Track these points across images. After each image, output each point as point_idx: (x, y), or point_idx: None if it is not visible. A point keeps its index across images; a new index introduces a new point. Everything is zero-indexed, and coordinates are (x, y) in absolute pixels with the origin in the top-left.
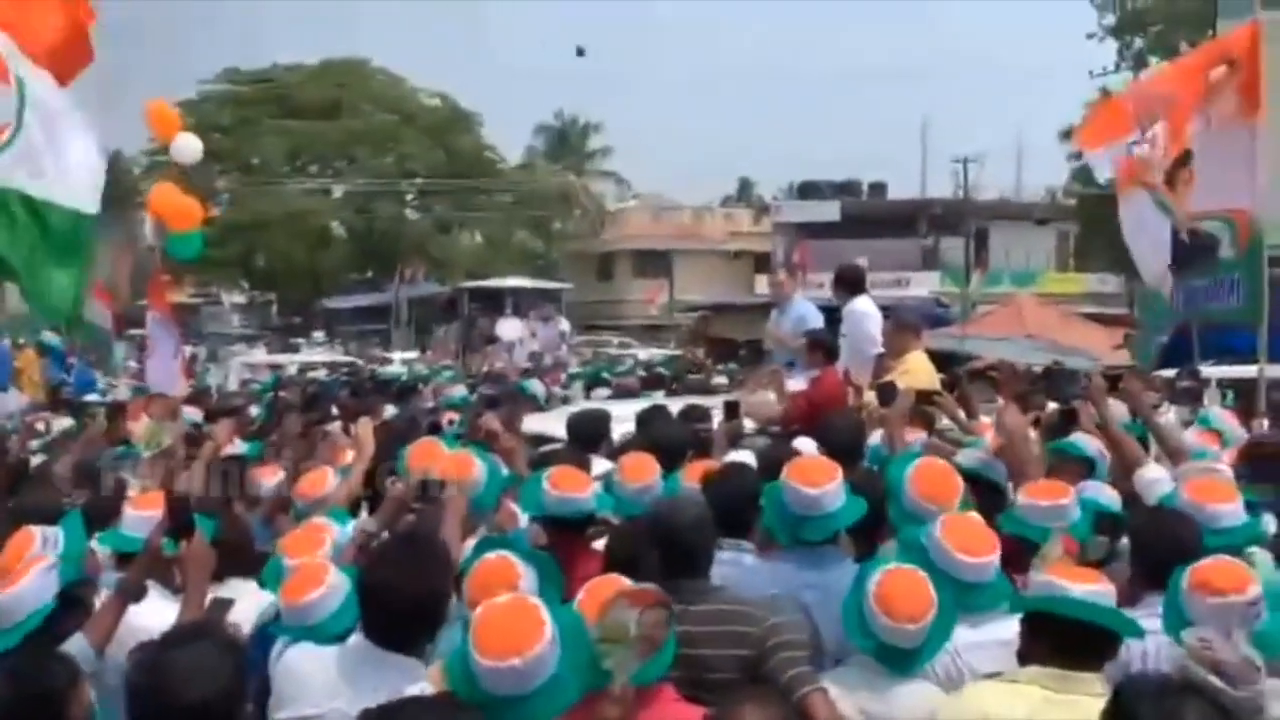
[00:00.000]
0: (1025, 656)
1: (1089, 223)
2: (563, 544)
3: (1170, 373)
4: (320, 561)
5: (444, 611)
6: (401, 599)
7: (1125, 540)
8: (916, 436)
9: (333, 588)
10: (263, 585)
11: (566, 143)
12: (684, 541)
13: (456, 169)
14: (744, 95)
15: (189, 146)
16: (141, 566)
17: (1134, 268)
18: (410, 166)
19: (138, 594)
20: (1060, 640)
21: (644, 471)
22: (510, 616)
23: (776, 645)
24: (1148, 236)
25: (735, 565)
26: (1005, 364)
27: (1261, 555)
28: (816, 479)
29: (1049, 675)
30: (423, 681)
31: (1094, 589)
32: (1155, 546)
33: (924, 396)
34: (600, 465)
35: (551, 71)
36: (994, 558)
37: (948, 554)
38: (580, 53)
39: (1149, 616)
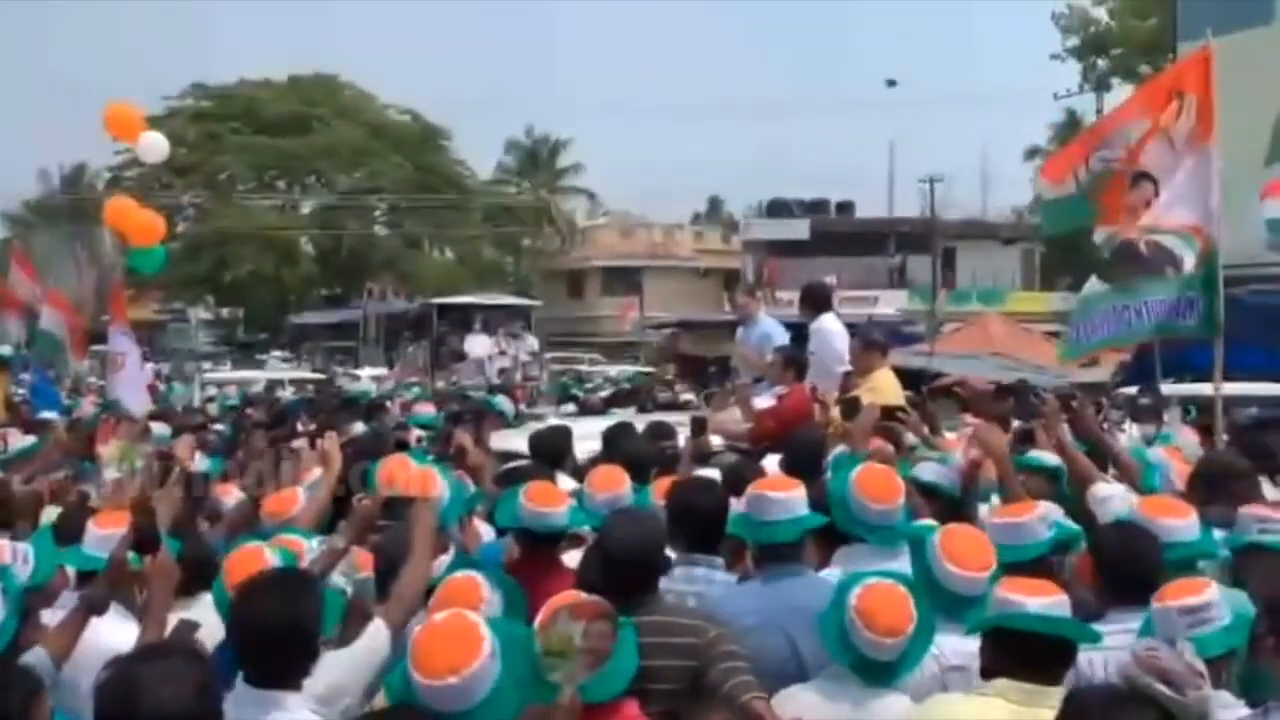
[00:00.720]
0: (989, 671)
1: (1054, 242)
2: (536, 558)
3: (1132, 390)
4: None
5: (314, 644)
6: (267, 634)
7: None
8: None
9: None
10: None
11: (537, 160)
12: (632, 555)
13: (427, 185)
14: (713, 115)
15: (155, 145)
16: (107, 580)
17: None
18: (380, 183)
19: (101, 607)
20: (1021, 654)
21: (613, 482)
22: (448, 634)
23: (719, 655)
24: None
25: (708, 584)
26: (970, 384)
27: (1210, 567)
28: (782, 486)
29: (1014, 689)
30: (294, 711)
31: (1049, 602)
32: (1120, 562)
33: (889, 413)
34: (565, 483)
35: (522, 89)
36: (989, 572)
37: (943, 566)
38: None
39: (1113, 633)
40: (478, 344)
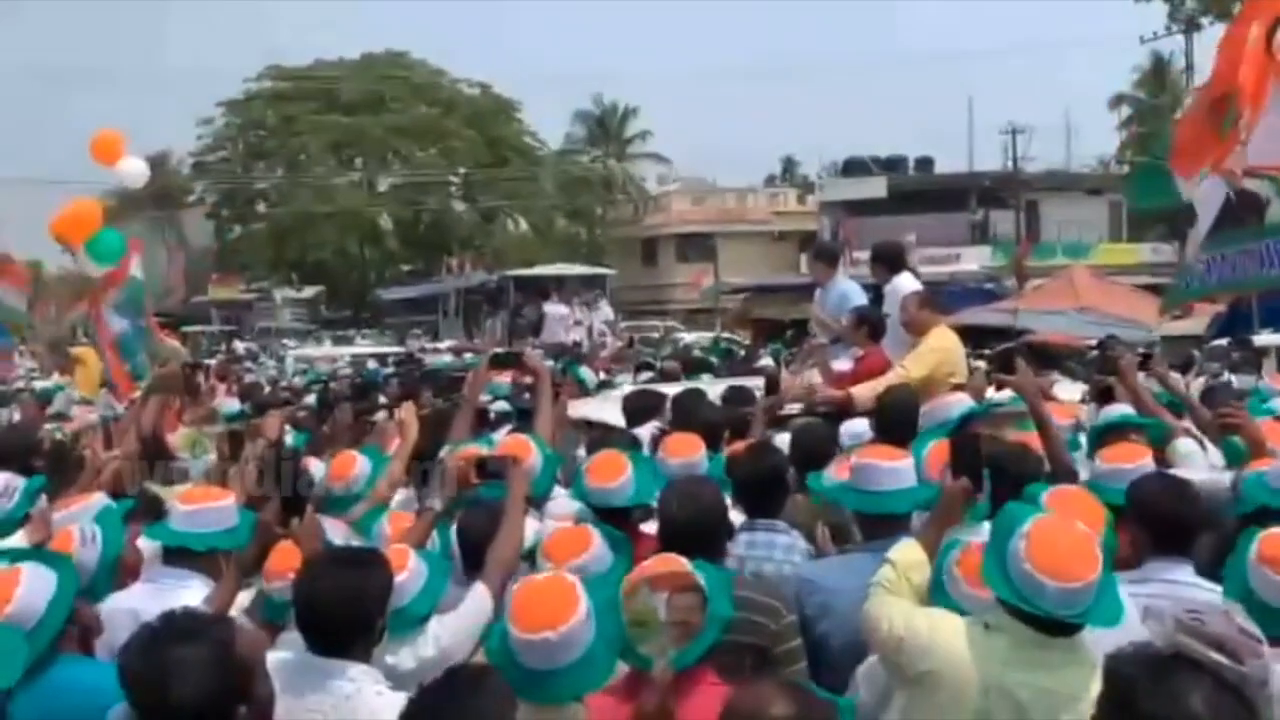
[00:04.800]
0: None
1: None
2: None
3: (1225, 342)
4: (400, 547)
5: (373, 620)
6: (324, 609)
7: None
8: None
9: (414, 571)
10: None
11: (607, 128)
12: (688, 525)
13: (499, 158)
14: (786, 74)
15: (135, 171)
16: (258, 545)
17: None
18: (453, 157)
19: (251, 570)
20: (1034, 621)
21: (687, 448)
22: (546, 592)
23: (790, 650)
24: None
25: (769, 548)
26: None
27: None
28: (890, 455)
29: (1024, 634)
30: (357, 680)
31: (1070, 587)
32: (1161, 513)
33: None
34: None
35: (589, 58)
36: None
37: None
38: None
39: (1142, 581)
40: (554, 313)
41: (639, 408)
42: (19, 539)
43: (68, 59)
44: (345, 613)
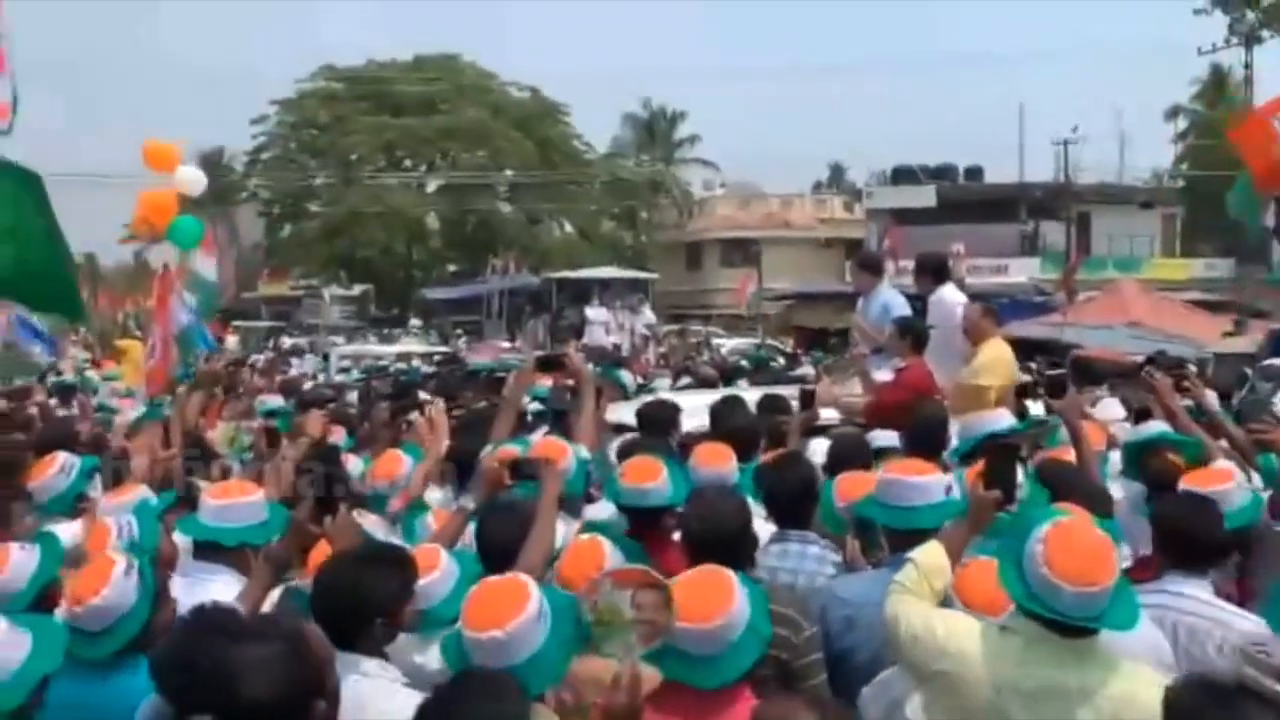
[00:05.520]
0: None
1: (1197, 205)
2: (642, 533)
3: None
4: (432, 547)
5: (383, 617)
6: (335, 604)
7: None
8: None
9: (445, 572)
10: None
11: (654, 132)
12: (711, 535)
13: (546, 161)
14: (835, 80)
15: (193, 178)
16: (293, 540)
17: (1244, 251)
18: (501, 160)
19: (285, 565)
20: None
21: (718, 458)
22: (498, 592)
23: (810, 664)
24: None
25: (801, 559)
26: (1103, 357)
27: None
28: (919, 470)
29: (1040, 634)
30: (371, 675)
31: (1087, 591)
32: (1182, 530)
33: (1027, 388)
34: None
35: (638, 62)
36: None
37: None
38: None
39: (1154, 593)
40: (597, 314)
41: (655, 418)
42: (78, 529)
43: (120, 56)
44: (347, 608)
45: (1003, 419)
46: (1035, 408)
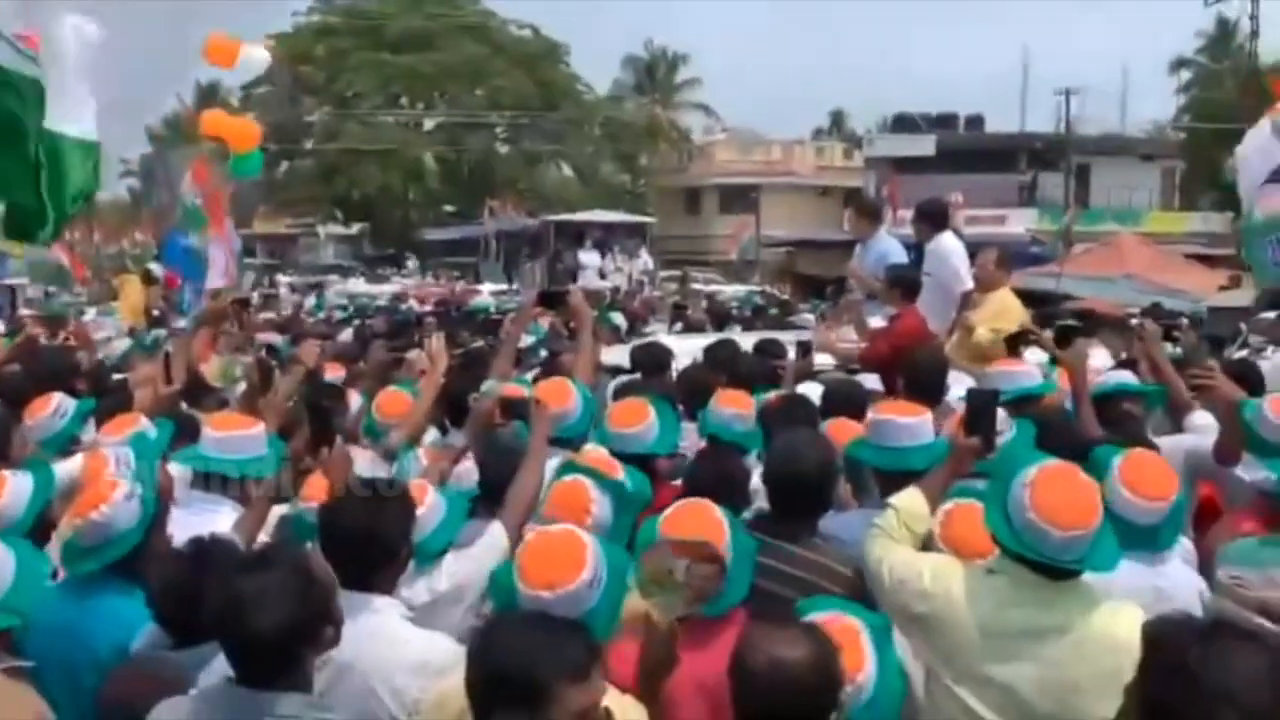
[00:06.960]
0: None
1: (1198, 159)
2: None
3: (1275, 315)
4: (420, 482)
5: (395, 554)
6: (347, 543)
7: None
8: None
9: (432, 507)
10: None
11: (655, 75)
12: (804, 483)
13: (545, 101)
14: (836, 25)
15: (258, 57)
16: (289, 471)
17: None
18: (500, 99)
19: (280, 498)
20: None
21: (738, 403)
22: (555, 550)
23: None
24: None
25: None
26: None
27: None
28: (909, 411)
29: (1025, 577)
30: (382, 612)
31: (1074, 534)
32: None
33: (1018, 336)
34: None
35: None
36: (1168, 502)
37: (1120, 494)
38: None
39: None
40: (590, 258)
41: (648, 361)
42: (78, 464)
43: None
44: (367, 545)
45: (1027, 377)
46: (1030, 356)
